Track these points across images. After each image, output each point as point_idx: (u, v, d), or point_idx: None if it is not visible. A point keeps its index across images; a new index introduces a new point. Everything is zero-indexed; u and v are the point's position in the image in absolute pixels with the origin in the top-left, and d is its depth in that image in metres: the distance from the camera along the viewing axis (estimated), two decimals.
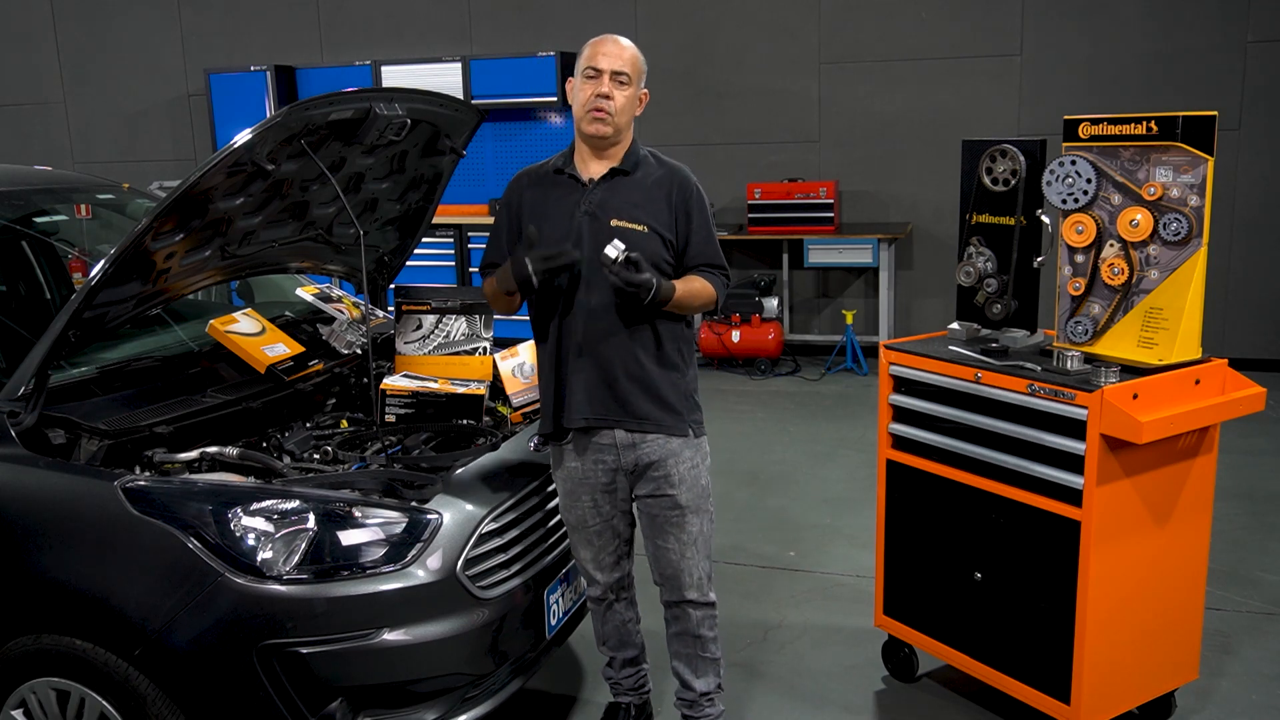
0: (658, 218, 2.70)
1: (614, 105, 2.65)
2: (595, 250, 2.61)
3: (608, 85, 2.65)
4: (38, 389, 2.56)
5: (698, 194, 2.76)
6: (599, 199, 2.70)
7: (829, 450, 5.65)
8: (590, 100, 2.65)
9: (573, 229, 2.68)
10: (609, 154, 2.74)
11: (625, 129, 2.72)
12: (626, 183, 2.72)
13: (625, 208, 2.69)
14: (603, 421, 2.70)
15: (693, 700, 2.92)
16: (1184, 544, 2.90)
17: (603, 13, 7.83)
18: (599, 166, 2.74)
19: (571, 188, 2.74)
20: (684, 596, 2.82)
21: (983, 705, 3.19)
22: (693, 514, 2.76)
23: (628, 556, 2.93)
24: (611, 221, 2.66)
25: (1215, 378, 2.80)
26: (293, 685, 2.32)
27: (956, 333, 3.20)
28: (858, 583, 4.05)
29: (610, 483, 2.77)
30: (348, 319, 3.59)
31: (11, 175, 3.86)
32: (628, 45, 2.71)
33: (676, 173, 2.76)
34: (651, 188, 2.72)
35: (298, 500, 2.43)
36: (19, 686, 2.50)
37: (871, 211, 7.54)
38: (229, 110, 8.55)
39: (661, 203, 2.71)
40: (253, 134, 2.61)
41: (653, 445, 2.71)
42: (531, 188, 2.79)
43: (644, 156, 2.77)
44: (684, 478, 2.74)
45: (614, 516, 2.83)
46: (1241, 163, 6.72)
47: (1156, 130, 2.70)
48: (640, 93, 2.74)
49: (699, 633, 2.86)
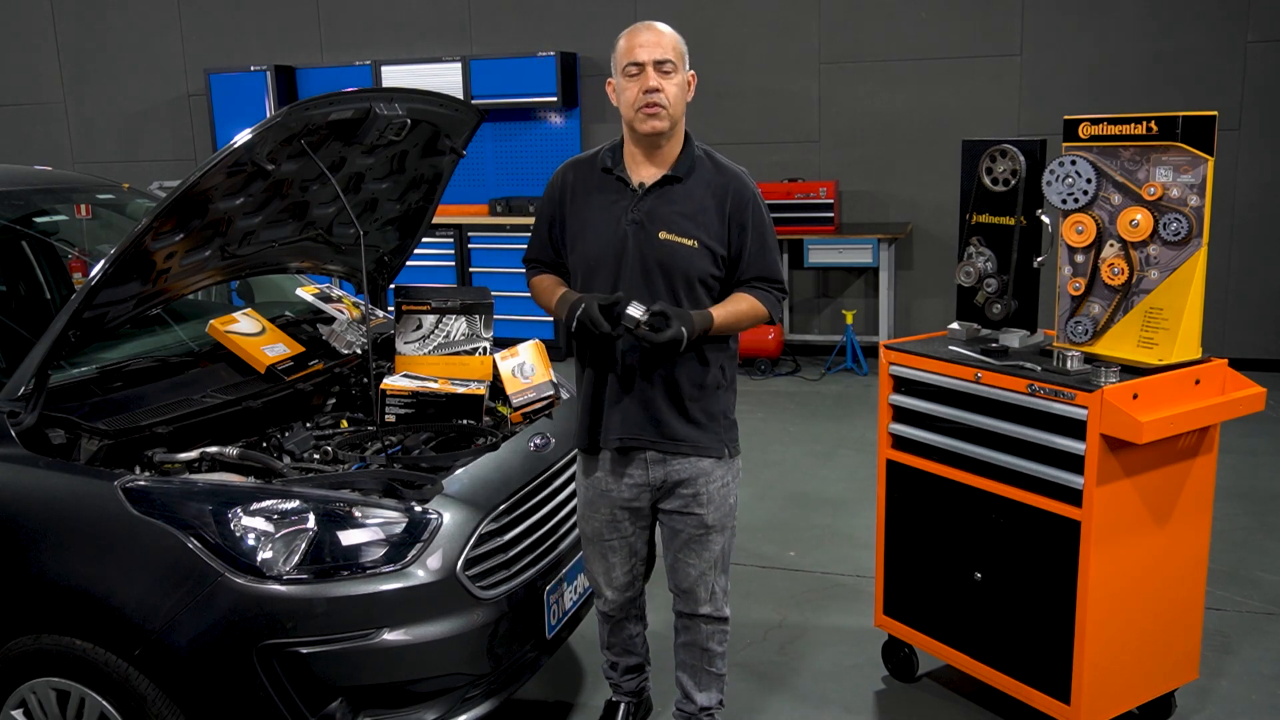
0: (709, 230, 2.56)
1: (666, 97, 2.50)
2: (640, 263, 2.54)
3: (654, 78, 2.49)
4: (38, 389, 2.56)
5: (755, 204, 2.61)
6: (648, 208, 2.56)
7: (829, 450, 5.65)
8: (639, 98, 2.49)
9: (617, 237, 2.57)
10: (662, 154, 2.59)
11: (680, 120, 2.56)
12: (678, 191, 2.57)
13: (675, 219, 2.55)
14: (637, 442, 2.63)
15: (692, 713, 2.89)
16: (1184, 544, 2.90)
17: (602, 13, 7.83)
18: (650, 171, 2.60)
19: (619, 191, 2.60)
20: (698, 611, 2.78)
21: (983, 705, 3.19)
22: (717, 533, 2.71)
23: (642, 576, 2.87)
24: (660, 234, 2.54)
25: (1215, 378, 2.80)
26: (293, 685, 2.32)
27: (956, 333, 3.20)
28: (858, 583, 4.05)
29: (634, 499, 2.70)
30: (348, 319, 3.59)
31: (11, 175, 3.85)
32: (665, 30, 2.54)
33: (733, 180, 2.61)
34: (705, 196, 2.57)
35: (298, 500, 2.43)
36: (19, 686, 2.49)
37: (871, 211, 7.55)
38: (229, 110, 8.56)
39: (714, 213, 2.57)
40: (253, 134, 2.60)
41: (684, 464, 2.65)
42: (578, 184, 2.66)
43: (699, 158, 2.61)
44: (712, 497, 2.67)
45: (632, 534, 2.76)
46: (1241, 163, 6.72)
47: (1156, 130, 2.70)
48: (688, 76, 2.59)
49: (707, 646, 2.82)
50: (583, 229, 2.63)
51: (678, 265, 2.55)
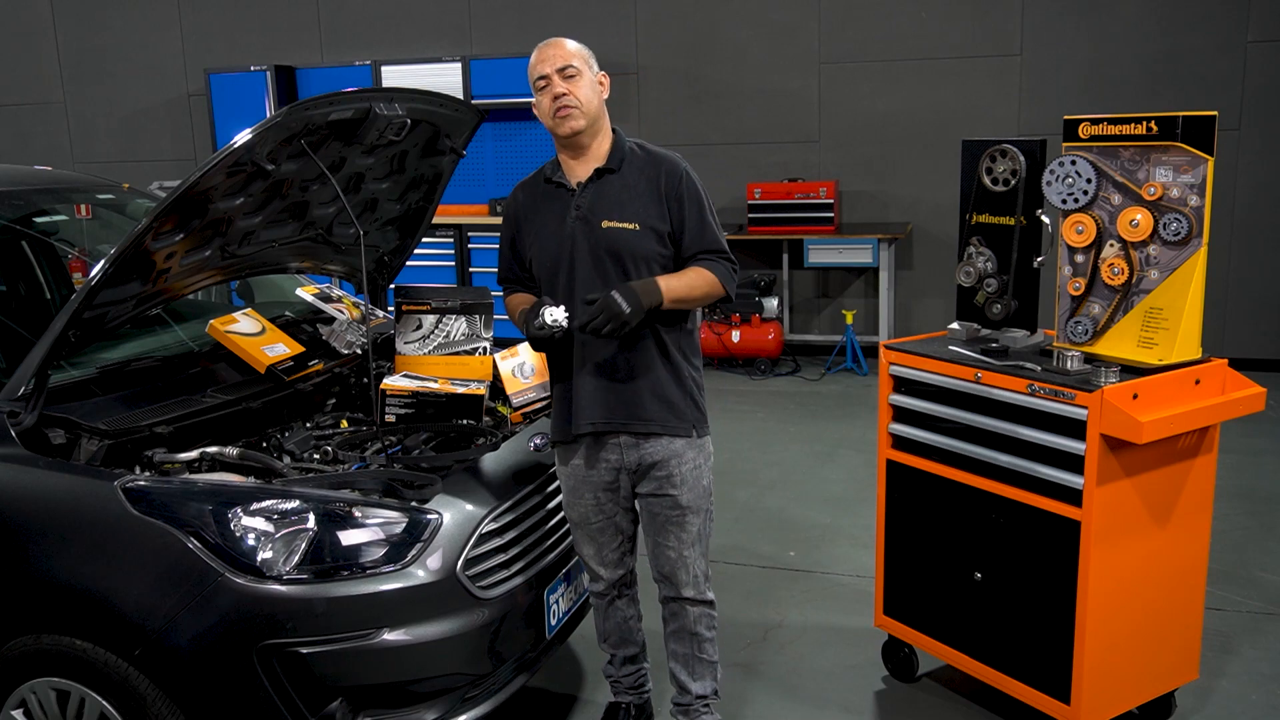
0: (648, 211, 2.68)
1: (575, 97, 2.65)
2: (590, 254, 2.65)
3: (560, 84, 2.65)
4: (38, 389, 2.56)
5: (688, 179, 2.71)
6: (588, 202, 2.70)
7: (829, 450, 5.65)
8: (550, 105, 2.66)
9: (565, 235, 2.69)
10: (591, 153, 2.73)
11: (599, 118, 2.71)
12: (613, 181, 2.71)
13: (614, 207, 2.68)
14: (608, 425, 2.70)
15: (688, 704, 2.92)
16: (1184, 544, 2.90)
17: (603, 12, 7.83)
18: (584, 169, 2.73)
19: (561, 195, 2.74)
20: (680, 594, 2.84)
21: (983, 705, 3.19)
22: (693, 514, 2.78)
23: (631, 553, 2.93)
24: (603, 224, 2.66)
25: (1215, 378, 2.80)
26: (293, 685, 2.32)
27: (956, 333, 3.20)
28: (858, 583, 4.05)
29: (613, 481, 2.78)
30: (348, 319, 3.59)
31: (11, 175, 3.85)
32: (563, 41, 2.71)
33: (663, 161, 2.73)
34: (639, 181, 2.70)
35: (298, 500, 2.43)
36: (19, 686, 2.50)
37: (871, 211, 7.54)
38: (229, 110, 8.56)
39: (649, 195, 2.69)
40: (253, 134, 2.61)
41: (656, 446, 2.72)
42: (526, 199, 2.81)
43: (630, 150, 2.75)
44: (685, 478, 2.74)
45: (616, 514, 2.84)
46: (1241, 163, 6.72)
47: (1156, 130, 2.70)
48: (598, 76, 2.74)
49: (695, 630, 2.87)
50: (536, 237, 2.76)
51: (624, 249, 2.66)
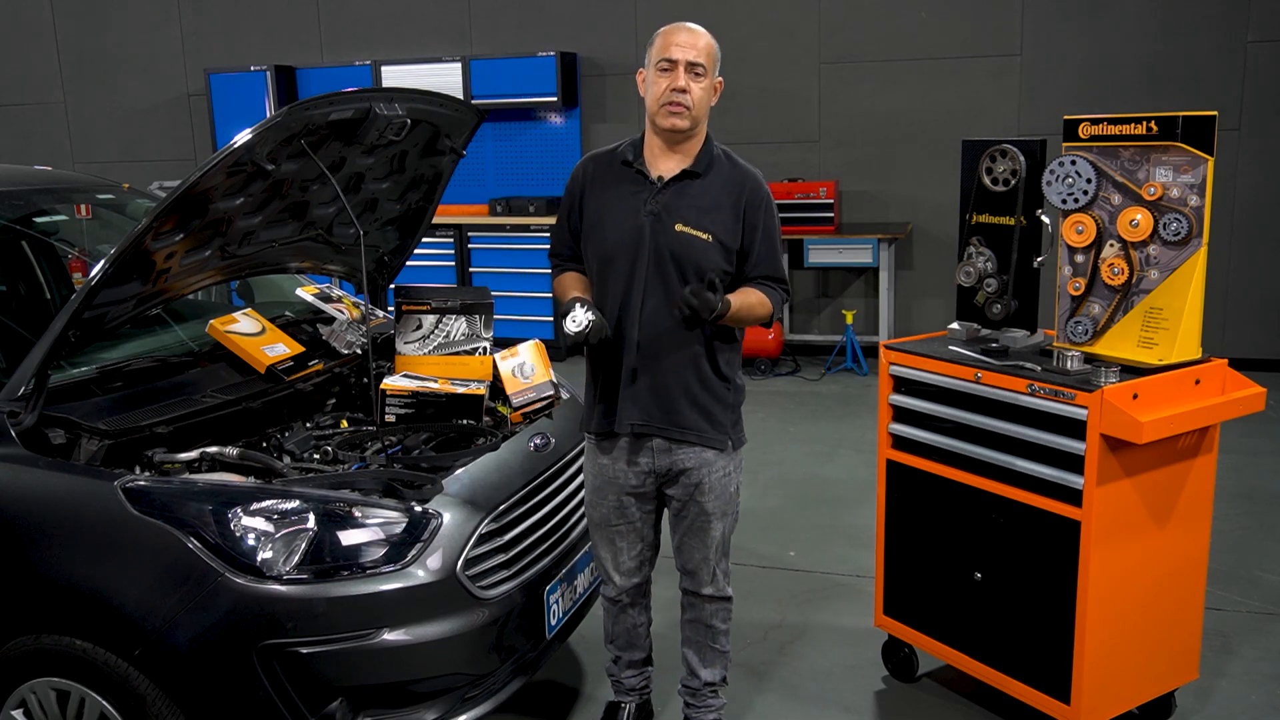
0: (723, 225, 2.63)
1: (691, 98, 2.57)
2: (654, 254, 2.60)
3: (683, 78, 2.56)
4: (38, 389, 2.56)
5: (768, 206, 2.69)
6: (666, 201, 2.63)
7: (829, 450, 5.65)
8: (665, 94, 2.57)
9: (635, 228, 2.63)
10: (682, 150, 2.66)
11: (701, 121, 2.65)
12: (696, 185, 2.64)
13: (691, 213, 2.62)
14: (647, 428, 2.68)
15: (696, 689, 2.95)
16: (1184, 544, 2.90)
17: (603, 12, 7.83)
18: (670, 164, 2.66)
19: (639, 184, 2.66)
20: (700, 591, 2.87)
21: (983, 705, 3.19)
22: (718, 519, 2.79)
23: (650, 562, 2.92)
24: (675, 226, 2.61)
25: (1215, 378, 2.80)
26: (293, 685, 2.32)
27: (956, 333, 3.20)
28: (858, 583, 4.05)
29: (640, 485, 2.76)
30: (348, 319, 3.59)
31: (11, 175, 3.85)
32: (702, 33, 2.62)
33: (748, 178, 2.68)
34: (721, 193, 2.65)
35: (298, 500, 2.43)
36: (19, 686, 2.49)
37: (871, 211, 7.54)
38: (229, 110, 8.56)
39: (729, 210, 2.64)
40: (253, 134, 2.60)
41: (689, 454, 2.71)
42: (598, 176, 2.72)
43: (717, 156, 2.69)
44: (714, 486, 2.74)
45: (639, 520, 2.82)
46: (1241, 163, 6.72)
47: (1156, 130, 2.70)
48: (715, 81, 2.67)
49: (711, 623, 2.90)
50: (600, 219, 2.69)
51: (691, 258, 2.61)
